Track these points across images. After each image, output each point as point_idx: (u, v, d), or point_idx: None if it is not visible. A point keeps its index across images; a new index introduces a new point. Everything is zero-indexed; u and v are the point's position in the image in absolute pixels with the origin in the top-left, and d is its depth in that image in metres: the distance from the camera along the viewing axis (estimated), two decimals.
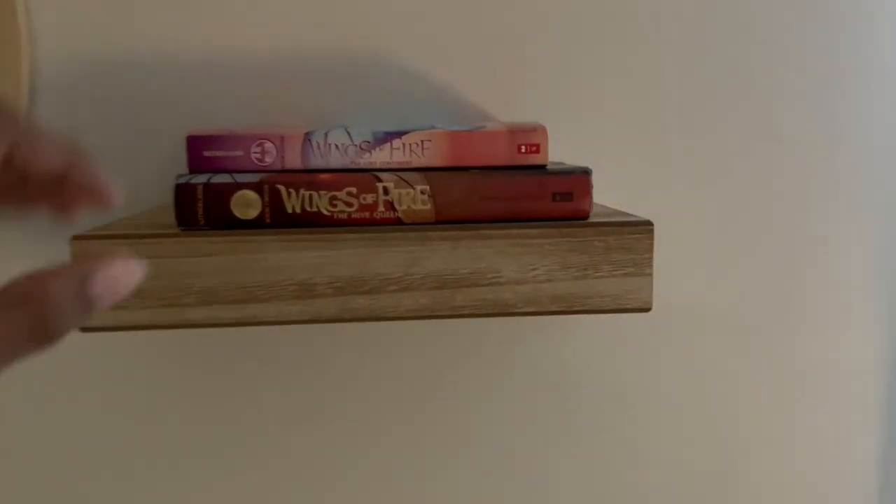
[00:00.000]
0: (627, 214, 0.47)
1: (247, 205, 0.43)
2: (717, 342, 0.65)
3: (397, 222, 0.44)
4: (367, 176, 0.43)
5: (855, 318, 0.66)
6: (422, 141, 0.45)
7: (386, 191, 0.43)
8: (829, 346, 0.66)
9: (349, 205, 0.43)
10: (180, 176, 0.43)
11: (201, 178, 0.43)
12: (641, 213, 0.63)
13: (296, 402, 0.63)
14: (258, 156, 0.45)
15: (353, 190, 0.43)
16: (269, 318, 0.43)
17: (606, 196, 0.63)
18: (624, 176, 0.63)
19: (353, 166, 0.45)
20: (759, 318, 0.66)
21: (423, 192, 0.44)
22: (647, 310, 0.46)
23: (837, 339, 0.66)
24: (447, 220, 0.44)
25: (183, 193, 0.43)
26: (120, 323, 0.42)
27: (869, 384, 0.67)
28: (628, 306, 0.46)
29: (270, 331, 0.61)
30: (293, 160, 0.45)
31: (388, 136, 0.45)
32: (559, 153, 0.62)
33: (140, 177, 0.59)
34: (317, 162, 0.46)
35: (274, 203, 0.43)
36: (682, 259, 0.64)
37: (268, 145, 0.45)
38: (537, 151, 0.46)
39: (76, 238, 0.42)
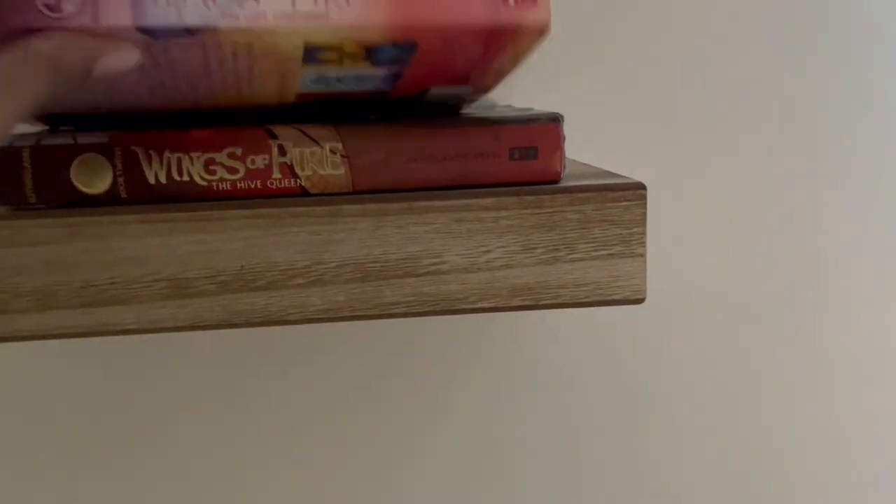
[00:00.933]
0: (611, 175, 0.36)
1: (93, 174, 0.32)
2: (729, 330, 0.55)
3: (300, 193, 0.33)
4: (255, 131, 0.32)
5: (885, 295, 0.55)
6: None
7: (282, 150, 0.32)
8: (856, 327, 0.56)
9: (233, 171, 0.32)
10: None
11: (28, 141, 0.31)
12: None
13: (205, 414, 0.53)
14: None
15: (238, 150, 0.32)
16: (128, 325, 0.32)
17: (580, 155, 0.52)
18: (603, 131, 0.52)
19: (223, 25, 0.26)
20: (776, 301, 0.55)
21: (333, 152, 0.33)
22: (640, 300, 0.35)
23: (865, 319, 0.56)
24: (368, 189, 0.33)
25: (4, 160, 0.31)
26: None
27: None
28: (614, 297, 0.35)
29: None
30: (116, 12, 0.25)
31: None
32: (526, 101, 0.51)
33: None
34: (159, 16, 0.25)
35: (130, 171, 0.32)
36: (680, 235, 0.53)
37: None
38: (534, 4, 0.28)
39: None
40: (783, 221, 0.55)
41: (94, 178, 0.32)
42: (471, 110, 0.40)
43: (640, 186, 0.34)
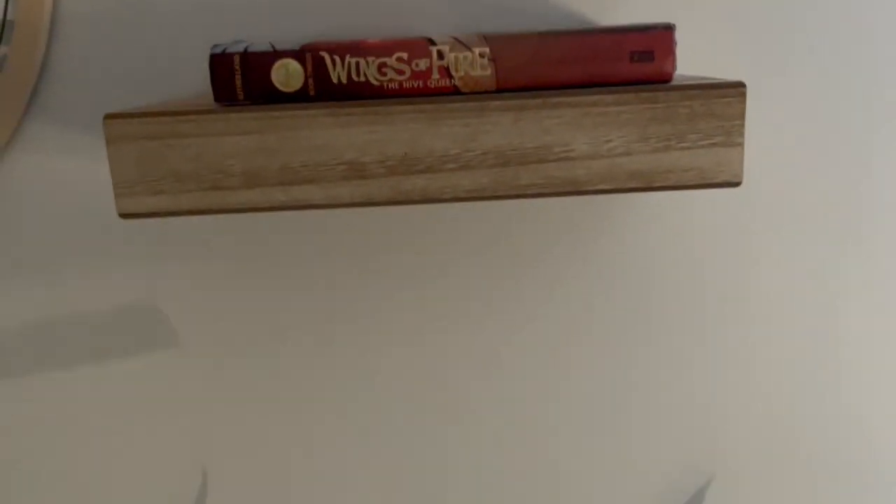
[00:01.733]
0: (713, 78, 0.42)
1: (288, 76, 0.39)
2: (811, 229, 0.60)
3: (454, 91, 0.40)
4: (419, 39, 0.39)
5: None
6: None
7: (441, 55, 0.39)
8: None
9: (400, 73, 0.39)
10: (216, 45, 0.40)
11: (238, 48, 0.39)
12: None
13: (345, 293, 0.61)
14: None
15: (404, 55, 0.39)
16: (317, 200, 0.40)
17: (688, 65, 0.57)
18: (707, 39, 0.57)
19: None
20: (859, 204, 0.60)
21: (482, 56, 0.39)
22: (737, 184, 0.41)
23: None
24: (510, 87, 0.40)
25: (219, 65, 0.39)
26: (159, 208, 0.40)
27: None
28: (716, 180, 0.41)
29: (317, 214, 0.59)
30: None
31: None
32: (635, 15, 0.56)
33: (177, 88, 0.56)
34: None
35: (318, 73, 0.39)
36: (774, 132, 0.58)
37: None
38: None
39: (109, 117, 0.39)
40: (875, 126, 0.59)
41: (290, 79, 0.39)
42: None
43: (740, 84, 0.40)
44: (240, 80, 0.39)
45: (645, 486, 0.64)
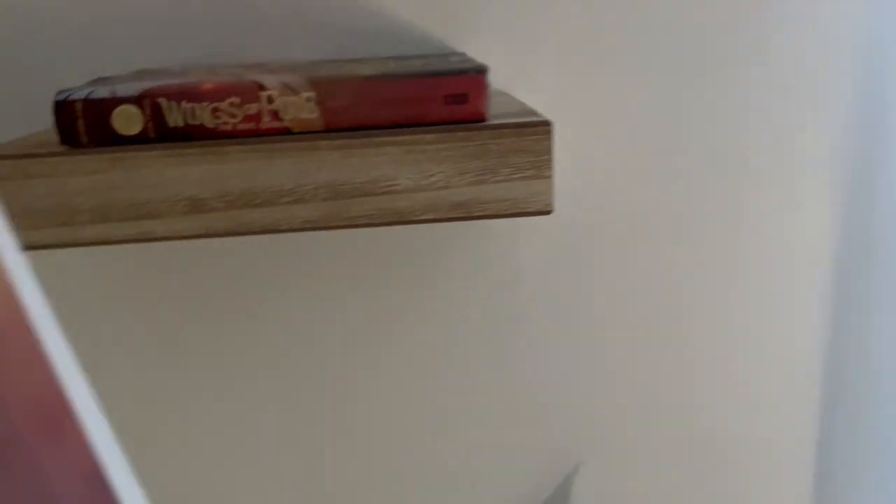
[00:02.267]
0: (527, 113, 0.46)
1: (128, 119, 0.42)
2: (650, 233, 0.65)
3: (285, 132, 0.44)
4: (250, 85, 0.43)
5: (800, 203, 0.65)
6: None
7: (270, 99, 0.43)
8: (772, 234, 0.66)
9: (233, 116, 0.43)
10: (60, 92, 0.43)
11: (80, 94, 0.42)
12: (547, 94, 0.61)
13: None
14: None
15: (236, 100, 0.43)
16: (162, 233, 0.44)
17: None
18: (524, 62, 0.61)
19: None
20: (695, 207, 0.65)
21: (308, 100, 0.43)
22: (549, 212, 0.45)
23: (781, 226, 0.66)
24: (337, 128, 0.44)
25: (62, 110, 0.42)
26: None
27: (814, 273, 0.67)
28: (529, 210, 0.45)
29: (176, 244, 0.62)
30: None
31: None
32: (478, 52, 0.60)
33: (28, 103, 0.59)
34: None
35: (156, 117, 0.43)
36: (596, 148, 0.63)
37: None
38: None
39: None
40: (696, 137, 0.64)
41: (130, 123, 0.43)
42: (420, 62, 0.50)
43: (547, 123, 0.44)
44: (83, 125, 0.42)
45: (513, 475, 0.69)
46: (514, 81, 0.60)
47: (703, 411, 0.70)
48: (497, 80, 0.60)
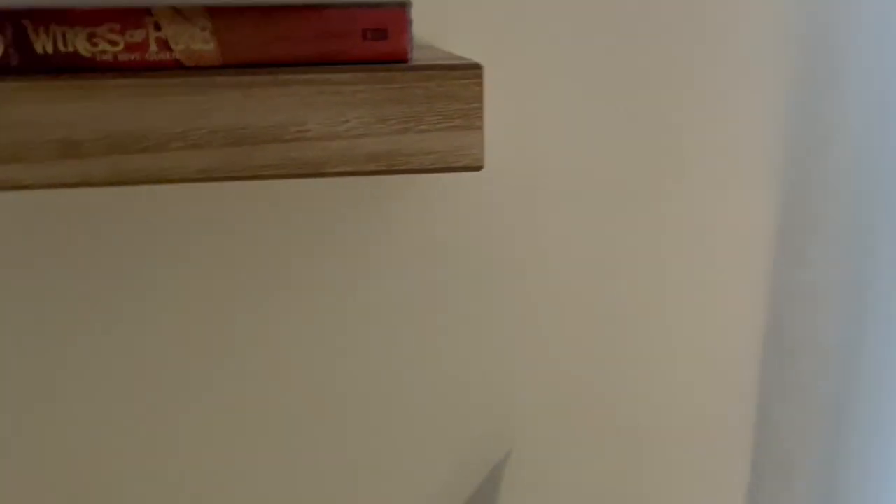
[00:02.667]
0: (455, 56, 0.42)
1: None
2: (581, 205, 0.62)
3: (177, 66, 0.38)
4: (133, 9, 0.37)
5: (737, 180, 0.62)
6: None
7: (157, 26, 0.37)
8: (707, 210, 0.63)
9: (113, 44, 0.37)
10: None
11: None
12: (478, 45, 0.56)
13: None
14: None
15: (117, 25, 0.37)
16: (27, 181, 0.38)
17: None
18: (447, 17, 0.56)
19: None
20: (629, 178, 0.61)
21: (203, 29, 0.37)
22: (479, 168, 0.41)
23: (716, 204, 0.63)
24: (237, 63, 0.38)
25: None
26: None
27: (752, 251, 0.65)
28: (457, 164, 0.41)
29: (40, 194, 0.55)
30: None
31: None
32: None
33: None
34: None
35: (19, 42, 0.36)
36: (531, 107, 0.59)
37: None
38: None
39: None
40: (643, 96, 0.61)
41: None
42: None
43: (477, 66, 0.39)
44: None
45: (442, 464, 0.65)
46: (442, 32, 0.55)
47: (640, 396, 0.67)
48: (420, 32, 0.55)
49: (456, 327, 0.62)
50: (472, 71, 0.39)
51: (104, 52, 0.37)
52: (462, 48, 0.56)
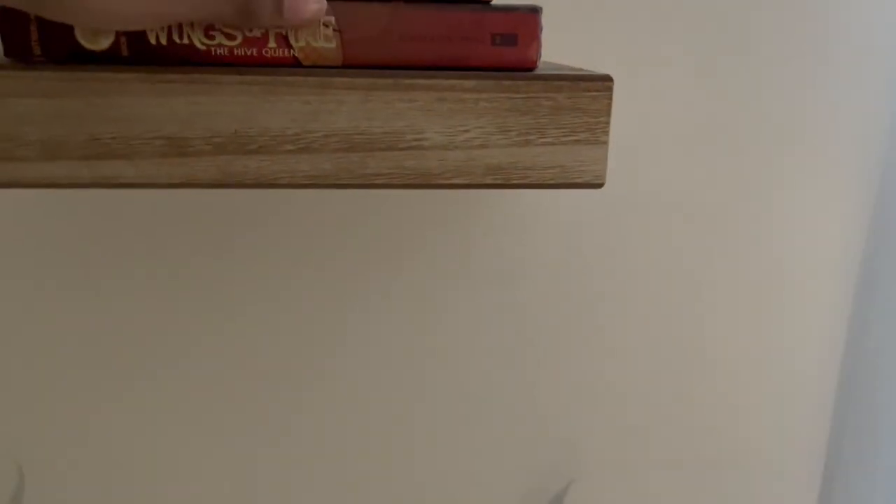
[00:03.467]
0: (579, 69, 0.40)
1: (96, 31, 0.34)
2: (678, 229, 0.60)
3: (294, 63, 0.36)
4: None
5: (830, 213, 0.61)
6: None
7: None
8: (802, 241, 0.61)
9: (231, 38, 0.35)
10: None
11: None
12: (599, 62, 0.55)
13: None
14: None
15: None
16: (129, 178, 0.35)
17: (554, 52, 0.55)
18: (575, 27, 0.55)
19: None
20: (726, 205, 0.60)
21: (326, 25, 0.35)
22: (600, 185, 0.39)
23: (810, 235, 0.61)
24: (358, 64, 0.36)
25: (8, 14, 0.33)
26: None
27: (837, 284, 0.63)
28: (577, 180, 0.39)
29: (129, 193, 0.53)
30: None
31: None
32: None
33: None
34: None
35: (133, 31, 0.34)
36: (638, 130, 0.57)
37: None
38: None
39: None
40: (745, 128, 0.59)
41: (98, 36, 0.34)
42: None
43: (608, 79, 0.37)
44: (36, 31, 0.33)
45: (503, 491, 0.63)
46: (564, 49, 0.54)
47: (706, 430, 0.64)
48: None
49: (525, 352, 0.60)
50: (602, 83, 0.37)
51: (220, 45, 0.35)
52: (565, 58, 0.54)
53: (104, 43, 0.34)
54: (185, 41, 0.35)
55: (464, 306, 0.59)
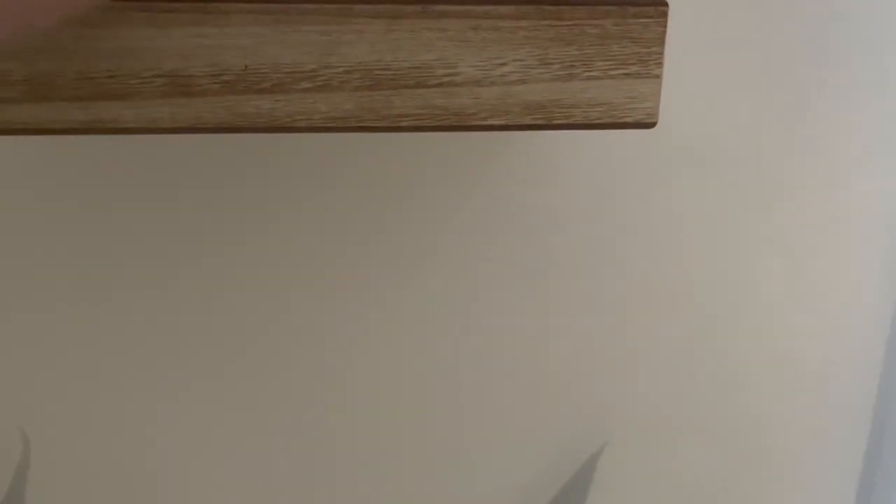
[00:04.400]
0: None
1: None
2: (722, 175, 0.56)
3: None
4: None
5: (878, 166, 0.57)
6: None
7: None
8: (849, 195, 0.57)
9: None
10: None
11: None
12: None
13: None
14: None
15: None
16: (127, 122, 0.32)
17: None
18: None
19: None
20: (772, 153, 0.56)
21: None
22: (652, 124, 0.35)
23: (858, 188, 0.57)
24: None
25: None
26: None
27: (884, 239, 0.59)
28: (627, 119, 0.35)
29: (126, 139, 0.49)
30: None
31: None
32: None
33: None
34: None
35: None
36: (687, 69, 0.53)
37: None
38: None
39: None
40: (794, 74, 0.55)
41: None
42: None
43: (662, 3, 0.33)
44: None
45: (533, 455, 0.60)
46: None
47: (744, 391, 0.61)
48: None
49: (559, 310, 0.57)
50: (656, 8, 0.33)
51: None
52: None
53: None
54: None
55: (495, 261, 0.56)
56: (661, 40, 0.34)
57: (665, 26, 0.34)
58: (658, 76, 0.34)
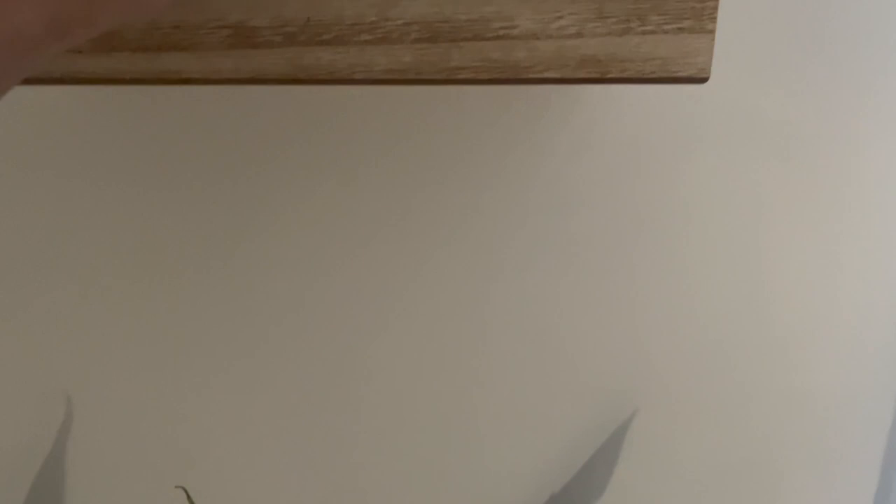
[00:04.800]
0: None
1: None
2: (763, 148, 0.56)
3: None
4: None
5: None
6: None
7: None
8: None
9: None
10: None
11: None
12: None
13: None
14: None
15: None
16: (192, 72, 0.32)
17: None
18: None
19: None
20: (821, 127, 0.56)
21: None
22: (704, 79, 0.36)
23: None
24: None
25: None
26: None
27: None
28: (680, 74, 0.35)
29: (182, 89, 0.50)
30: None
31: None
32: None
33: None
34: None
35: None
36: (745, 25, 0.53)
37: None
38: None
39: None
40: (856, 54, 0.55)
41: None
42: None
43: None
44: None
45: (565, 421, 0.61)
46: None
47: (775, 356, 0.62)
48: None
49: (591, 279, 0.58)
50: None
51: None
52: None
53: None
54: None
55: (528, 228, 0.56)
56: None
57: None
58: (712, 31, 0.35)
